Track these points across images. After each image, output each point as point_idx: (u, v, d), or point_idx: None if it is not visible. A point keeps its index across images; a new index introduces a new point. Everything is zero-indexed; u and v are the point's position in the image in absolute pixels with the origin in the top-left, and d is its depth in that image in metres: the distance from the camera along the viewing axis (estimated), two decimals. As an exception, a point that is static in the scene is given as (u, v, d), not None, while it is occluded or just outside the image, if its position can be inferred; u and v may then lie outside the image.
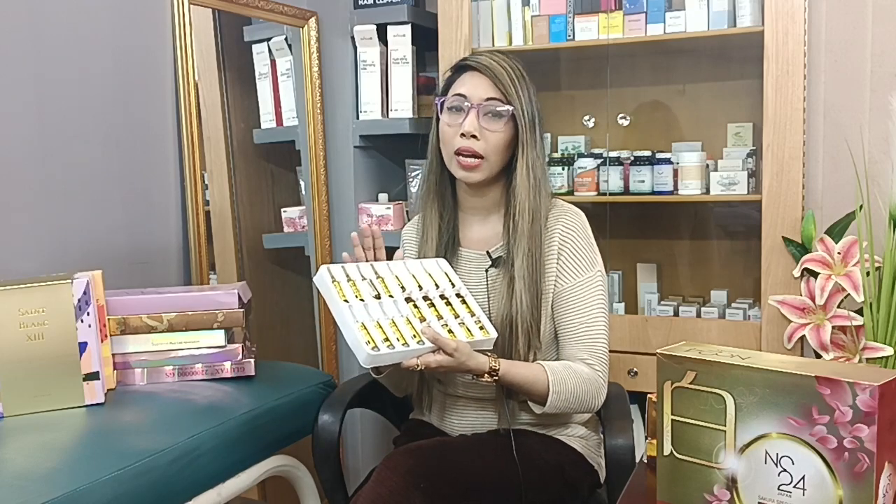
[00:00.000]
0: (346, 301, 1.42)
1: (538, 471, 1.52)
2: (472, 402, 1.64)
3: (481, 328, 1.50)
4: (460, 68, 1.61)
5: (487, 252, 1.63)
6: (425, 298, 1.50)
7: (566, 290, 1.58)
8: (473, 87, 1.56)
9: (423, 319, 1.46)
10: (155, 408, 1.51)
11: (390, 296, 1.47)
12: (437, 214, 1.65)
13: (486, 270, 1.61)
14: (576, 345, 1.57)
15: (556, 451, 1.59)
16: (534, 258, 1.56)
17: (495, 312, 1.57)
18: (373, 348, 1.36)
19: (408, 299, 1.48)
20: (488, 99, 1.55)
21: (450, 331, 1.46)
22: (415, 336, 1.42)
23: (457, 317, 1.50)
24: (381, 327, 1.41)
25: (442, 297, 1.52)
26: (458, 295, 1.54)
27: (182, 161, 2.06)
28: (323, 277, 1.44)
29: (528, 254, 1.55)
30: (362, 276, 1.48)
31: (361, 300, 1.43)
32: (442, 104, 1.59)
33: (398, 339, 1.40)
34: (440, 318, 1.48)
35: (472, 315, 1.52)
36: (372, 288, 1.46)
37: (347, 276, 1.46)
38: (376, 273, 1.50)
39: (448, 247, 1.65)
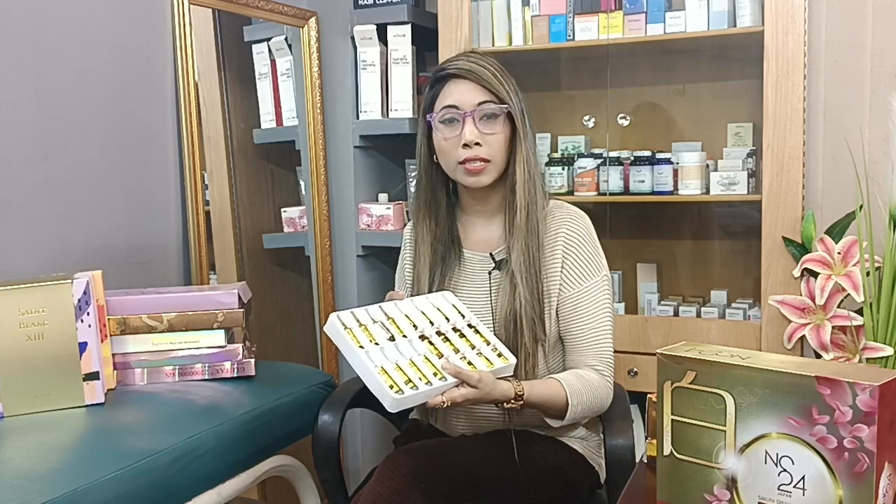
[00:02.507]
0: (361, 347, 1.38)
1: (539, 471, 1.52)
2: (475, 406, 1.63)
3: (499, 356, 1.47)
4: (440, 79, 1.56)
5: (491, 254, 1.61)
6: (438, 333, 1.46)
7: (573, 295, 1.57)
8: (461, 94, 1.53)
9: (440, 355, 1.42)
10: (155, 408, 1.51)
11: (404, 336, 1.43)
12: (429, 231, 1.62)
13: (490, 273, 1.60)
14: (584, 350, 1.57)
15: (557, 452, 1.59)
16: (530, 252, 1.54)
17: (499, 311, 1.57)
18: (397, 392, 1.32)
19: (422, 337, 1.44)
20: (481, 103, 1.52)
21: (469, 363, 1.43)
22: (436, 374, 1.37)
23: (473, 347, 1.46)
24: (400, 369, 1.37)
25: (455, 329, 1.49)
26: (469, 325, 1.51)
27: (182, 161, 2.06)
28: (335, 326, 1.40)
29: (525, 249, 1.54)
30: (373, 319, 1.44)
31: (376, 344, 1.40)
32: (433, 120, 1.55)
33: (420, 379, 1.36)
34: (457, 351, 1.44)
35: (488, 344, 1.48)
36: (384, 330, 1.43)
37: (358, 321, 1.43)
38: (386, 315, 1.46)
39: (448, 253, 1.63)
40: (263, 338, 2.30)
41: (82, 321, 1.49)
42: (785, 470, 0.93)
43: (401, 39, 2.45)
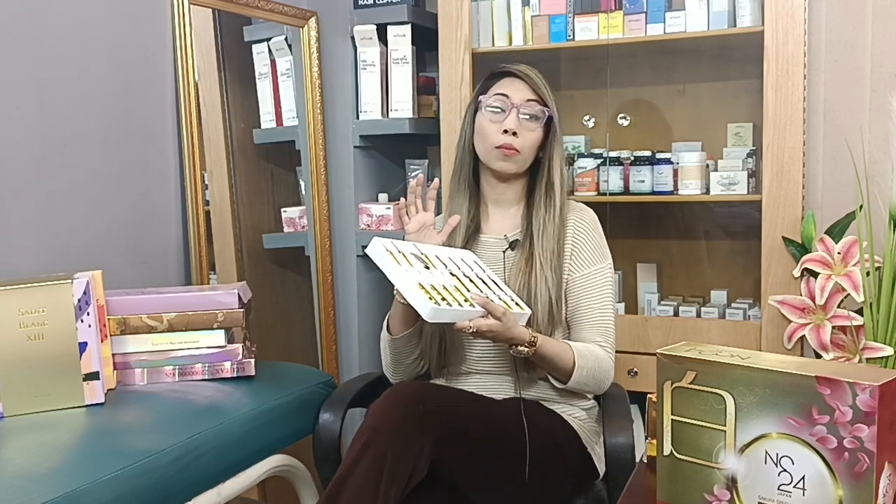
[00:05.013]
0: (400, 265, 1.49)
1: (534, 431, 1.55)
2: (486, 375, 1.69)
3: (517, 304, 1.58)
4: (499, 74, 1.73)
5: (505, 236, 1.72)
6: (465, 276, 1.58)
7: (580, 278, 1.69)
8: (515, 89, 1.69)
9: (467, 290, 1.53)
10: (155, 408, 1.51)
11: (436, 268, 1.54)
12: (466, 207, 1.75)
13: (504, 252, 1.70)
14: (591, 329, 1.67)
15: (553, 421, 1.64)
16: (560, 246, 1.67)
17: (514, 290, 1.64)
18: (435, 303, 1.41)
19: (451, 274, 1.55)
20: (529, 100, 1.68)
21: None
22: (466, 300, 1.48)
23: (493, 293, 1.57)
24: (435, 289, 1.47)
25: (478, 277, 1.60)
26: (490, 278, 1.63)
27: (182, 161, 2.06)
28: (377, 247, 1.51)
29: (556, 242, 1.66)
30: (409, 251, 1.55)
31: (412, 266, 1.51)
32: (481, 103, 1.70)
33: (453, 301, 1.46)
34: (481, 292, 1.54)
35: (506, 294, 1.60)
36: (419, 261, 1.54)
37: (397, 248, 1.53)
38: (420, 251, 1.57)
39: (470, 234, 1.74)
40: (263, 338, 2.30)
41: (82, 321, 1.49)
42: (785, 470, 0.94)
43: (401, 39, 2.45)
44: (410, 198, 1.71)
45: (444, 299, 1.44)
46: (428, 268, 1.53)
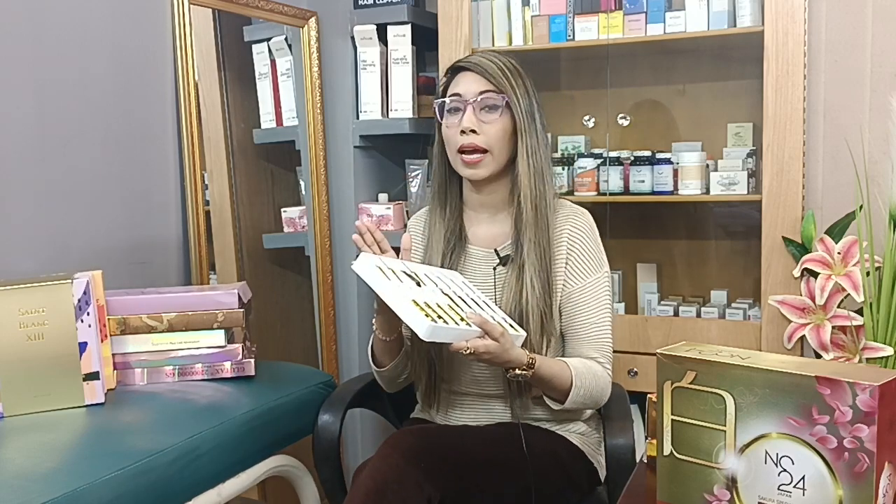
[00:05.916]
0: (390, 281, 1.40)
1: (539, 459, 1.53)
2: (479, 398, 1.65)
3: (511, 326, 1.50)
4: (453, 70, 1.64)
5: (495, 250, 1.64)
6: (456, 294, 1.50)
7: (576, 290, 1.61)
8: (467, 84, 1.59)
9: (461, 310, 1.45)
10: (155, 408, 1.51)
11: (426, 285, 1.47)
12: (442, 220, 1.66)
13: (495, 269, 1.62)
14: (586, 344, 1.60)
15: (556, 442, 1.61)
16: (541, 247, 1.57)
17: (504, 307, 1.58)
18: (432, 321, 1.32)
19: (443, 293, 1.47)
20: (482, 93, 1.57)
21: None
22: (462, 320, 1.39)
23: (486, 314, 1.50)
24: (430, 307, 1.38)
25: (469, 297, 1.53)
26: (481, 299, 1.55)
27: (182, 161, 2.06)
28: (365, 263, 1.42)
29: (535, 242, 1.57)
30: (398, 268, 1.48)
31: (402, 283, 1.42)
32: (441, 107, 1.61)
33: (450, 319, 1.37)
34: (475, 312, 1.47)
35: (498, 315, 1.52)
36: (409, 279, 1.46)
37: (385, 264, 1.46)
38: (409, 268, 1.51)
39: (455, 246, 1.65)
40: (263, 338, 2.30)
41: (82, 321, 1.49)
42: (785, 470, 0.94)
43: (401, 39, 2.45)
44: (367, 250, 1.53)
45: (440, 317, 1.35)
46: (419, 285, 1.44)
